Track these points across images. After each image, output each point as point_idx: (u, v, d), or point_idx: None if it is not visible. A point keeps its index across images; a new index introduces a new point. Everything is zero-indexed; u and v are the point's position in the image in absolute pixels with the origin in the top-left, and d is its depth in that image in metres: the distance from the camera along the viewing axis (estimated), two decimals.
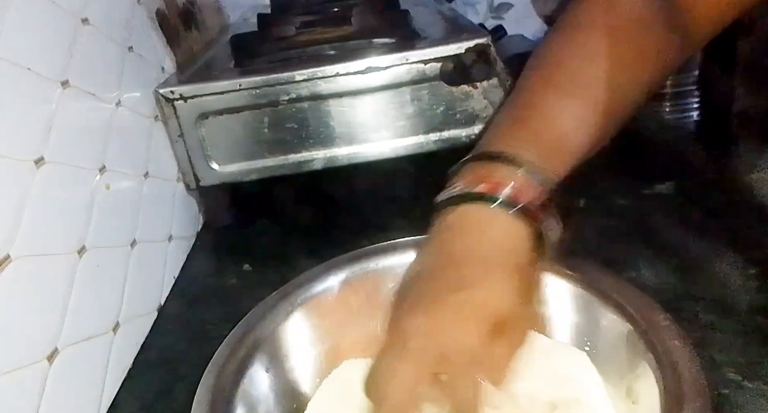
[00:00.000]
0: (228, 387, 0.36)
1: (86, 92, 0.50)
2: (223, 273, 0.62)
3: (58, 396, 0.39)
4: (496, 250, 0.35)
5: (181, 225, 0.65)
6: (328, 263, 0.46)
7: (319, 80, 0.61)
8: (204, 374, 0.37)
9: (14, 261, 0.37)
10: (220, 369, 0.37)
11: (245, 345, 0.39)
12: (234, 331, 0.40)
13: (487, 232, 0.36)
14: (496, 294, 0.34)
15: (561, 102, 0.41)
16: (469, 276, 0.34)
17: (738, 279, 0.48)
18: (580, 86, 0.42)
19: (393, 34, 0.67)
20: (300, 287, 0.44)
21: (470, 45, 0.61)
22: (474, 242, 0.36)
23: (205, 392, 0.36)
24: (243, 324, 0.41)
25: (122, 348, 0.49)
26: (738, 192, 0.62)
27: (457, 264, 0.35)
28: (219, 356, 0.39)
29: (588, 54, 0.42)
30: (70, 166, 0.46)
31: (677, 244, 0.54)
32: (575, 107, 0.41)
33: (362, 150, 0.64)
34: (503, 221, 0.36)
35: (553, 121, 0.41)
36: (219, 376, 0.37)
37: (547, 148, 0.39)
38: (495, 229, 0.36)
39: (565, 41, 0.45)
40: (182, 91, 0.61)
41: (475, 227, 0.36)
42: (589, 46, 0.43)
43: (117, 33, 0.58)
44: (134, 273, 0.52)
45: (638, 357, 0.35)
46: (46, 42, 0.45)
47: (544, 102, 0.42)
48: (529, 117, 0.42)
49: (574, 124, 0.41)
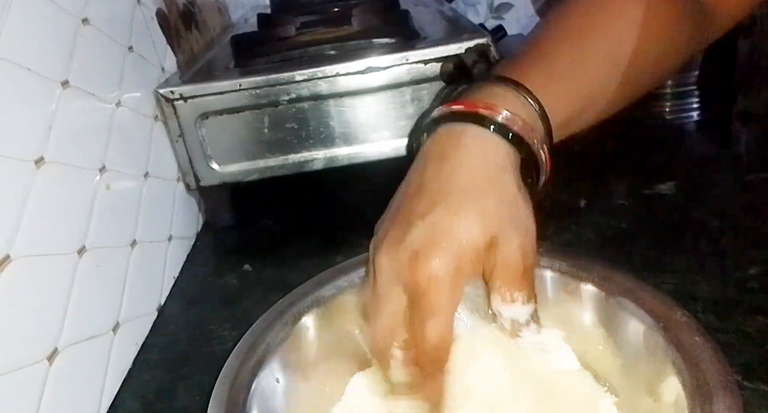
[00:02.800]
0: (241, 400, 0.35)
1: (86, 92, 0.50)
2: (223, 273, 0.62)
3: (58, 396, 0.39)
4: (484, 170, 0.35)
5: (181, 225, 0.65)
6: (335, 267, 0.45)
7: (319, 80, 0.61)
8: (215, 387, 0.36)
9: (14, 261, 0.37)
10: (231, 382, 0.36)
11: (256, 355, 0.38)
12: (242, 341, 0.39)
13: (478, 151, 0.35)
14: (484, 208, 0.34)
15: (589, 50, 0.41)
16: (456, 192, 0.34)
17: (738, 279, 0.48)
18: (609, 42, 0.41)
19: (393, 34, 0.67)
20: (308, 293, 0.43)
21: (470, 45, 0.61)
22: (460, 163, 0.35)
23: (219, 407, 0.35)
24: (251, 333, 0.40)
25: (122, 348, 0.49)
26: (738, 192, 0.62)
27: (444, 181, 0.35)
28: (229, 368, 0.37)
29: (621, 16, 0.42)
30: (70, 166, 0.46)
31: (677, 244, 0.54)
32: (602, 61, 0.41)
33: (362, 150, 0.64)
34: (496, 143, 0.35)
35: (580, 65, 0.40)
36: (231, 389, 0.36)
37: (563, 88, 0.39)
38: (487, 148, 0.35)
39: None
40: (182, 91, 0.61)
41: (469, 146, 0.36)
42: (623, 8, 0.42)
43: (117, 33, 0.58)
44: (134, 273, 0.52)
45: (658, 355, 0.34)
46: (46, 42, 0.45)
47: (570, 46, 0.41)
48: (554, 55, 0.41)
49: (598, 75, 0.40)
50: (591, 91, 0.41)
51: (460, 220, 0.33)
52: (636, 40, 0.41)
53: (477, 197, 0.34)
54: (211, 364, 0.48)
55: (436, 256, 0.32)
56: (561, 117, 0.39)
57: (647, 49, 0.41)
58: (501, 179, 0.35)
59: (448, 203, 0.33)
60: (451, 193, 0.34)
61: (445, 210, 0.33)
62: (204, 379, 0.47)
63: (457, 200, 0.34)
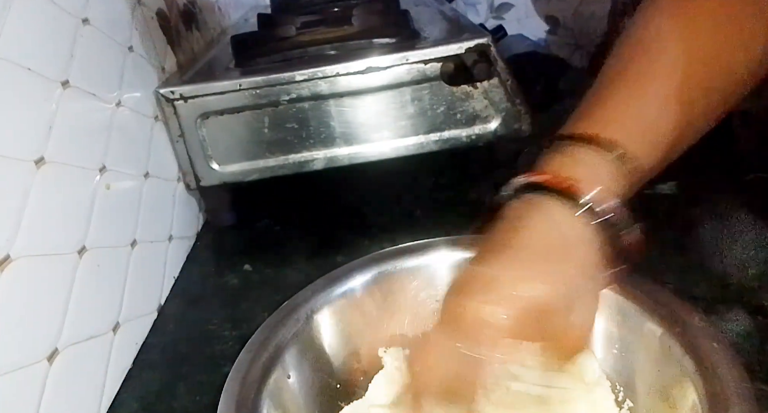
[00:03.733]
0: (252, 395, 0.36)
1: (87, 92, 0.50)
2: (223, 273, 0.62)
3: (58, 396, 0.39)
4: (561, 254, 0.33)
5: (182, 225, 0.65)
6: (348, 265, 0.45)
7: (319, 80, 0.61)
8: (226, 381, 0.36)
9: (14, 261, 0.37)
10: (243, 377, 0.36)
11: (267, 351, 0.38)
12: (254, 337, 0.39)
13: (557, 233, 0.34)
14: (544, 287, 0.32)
15: (641, 83, 0.39)
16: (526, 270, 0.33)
17: (738, 279, 0.48)
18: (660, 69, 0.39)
19: (393, 34, 0.67)
20: (320, 290, 0.43)
21: (471, 45, 0.61)
22: (539, 240, 0.34)
23: (230, 400, 0.35)
24: (263, 328, 0.40)
25: (122, 348, 0.49)
26: (738, 192, 0.62)
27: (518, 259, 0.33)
28: (241, 363, 0.37)
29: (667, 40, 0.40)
30: (70, 166, 0.46)
31: (677, 244, 0.54)
32: (656, 89, 0.39)
33: (363, 150, 0.64)
34: (577, 226, 0.33)
35: (637, 101, 0.38)
36: (242, 384, 0.36)
37: (636, 127, 0.37)
38: (565, 231, 0.34)
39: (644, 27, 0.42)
40: (183, 91, 0.61)
41: (546, 224, 0.34)
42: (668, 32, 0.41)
43: (117, 33, 0.58)
44: (134, 273, 0.52)
45: (674, 361, 0.34)
46: (46, 42, 0.45)
47: (623, 85, 0.39)
48: (610, 96, 0.39)
49: (656, 105, 0.38)
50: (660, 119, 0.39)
51: (531, 283, 0.32)
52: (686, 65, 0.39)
53: (555, 262, 0.33)
54: (211, 364, 0.49)
55: (497, 306, 0.31)
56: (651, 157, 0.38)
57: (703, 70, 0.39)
58: (579, 248, 0.34)
59: (524, 266, 0.33)
60: (528, 258, 0.33)
61: (519, 272, 0.33)
62: (204, 379, 0.48)
63: (533, 265, 0.33)
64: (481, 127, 0.65)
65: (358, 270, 0.44)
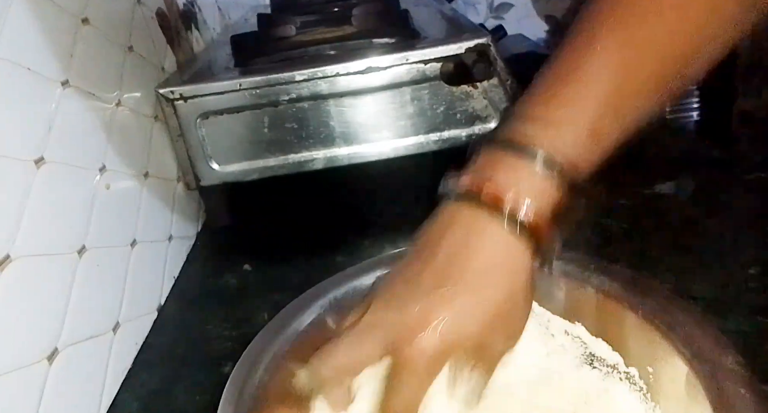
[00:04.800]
0: (258, 379, 0.36)
1: (86, 92, 0.50)
2: (223, 273, 0.62)
3: (58, 396, 0.39)
4: (488, 263, 0.34)
5: (181, 225, 0.65)
6: (362, 264, 0.45)
7: (319, 80, 0.61)
8: (234, 368, 0.37)
9: (14, 261, 0.37)
10: (250, 366, 0.37)
11: (279, 342, 0.39)
12: (267, 326, 0.40)
13: (481, 244, 0.34)
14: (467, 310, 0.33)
15: (605, 59, 0.37)
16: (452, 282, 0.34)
17: (738, 279, 0.48)
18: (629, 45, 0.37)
19: (393, 34, 0.67)
20: (335, 286, 0.44)
21: (470, 45, 0.61)
22: (463, 251, 0.34)
23: (236, 385, 0.35)
24: (277, 319, 0.41)
25: (122, 348, 0.49)
26: (738, 192, 0.62)
27: (442, 269, 0.34)
28: (251, 351, 0.38)
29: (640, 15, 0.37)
30: (70, 166, 0.46)
31: (677, 244, 0.54)
32: (622, 65, 0.37)
33: (362, 150, 0.64)
34: (502, 238, 0.34)
35: (596, 81, 0.37)
36: (251, 370, 0.37)
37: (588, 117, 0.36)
38: (491, 243, 0.34)
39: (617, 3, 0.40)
40: (182, 91, 0.61)
41: (470, 236, 0.35)
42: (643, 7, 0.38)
43: (117, 33, 0.58)
44: (134, 273, 0.52)
45: (695, 403, 0.32)
46: (46, 42, 0.45)
47: (586, 60, 0.37)
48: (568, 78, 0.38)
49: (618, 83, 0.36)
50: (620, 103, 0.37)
51: (461, 313, 0.33)
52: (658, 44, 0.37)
53: (481, 288, 0.34)
54: (210, 364, 0.49)
55: (426, 340, 0.32)
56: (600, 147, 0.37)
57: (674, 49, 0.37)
58: (509, 271, 0.34)
59: (453, 289, 0.34)
60: (460, 279, 0.34)
61: (447, 298, 0.33)
62: (203, 379, 0.48)
63: (461, 288, 0.34)
64: (481, 127, 0.65)
65: (371, 268, 0.44)
